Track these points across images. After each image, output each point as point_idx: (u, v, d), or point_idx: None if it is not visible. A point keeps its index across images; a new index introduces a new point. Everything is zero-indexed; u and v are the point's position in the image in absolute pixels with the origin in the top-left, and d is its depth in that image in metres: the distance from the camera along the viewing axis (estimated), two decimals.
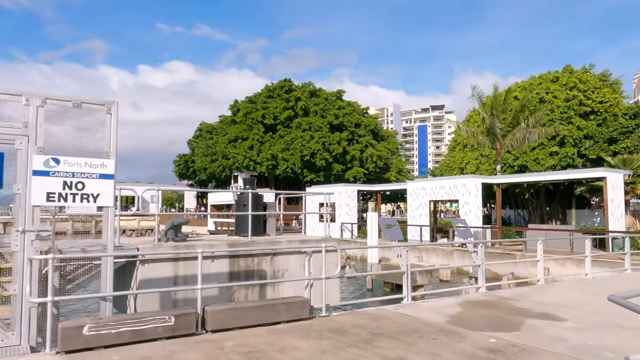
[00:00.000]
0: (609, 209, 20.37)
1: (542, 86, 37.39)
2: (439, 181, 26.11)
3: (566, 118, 34.49)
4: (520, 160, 34.77)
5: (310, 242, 10.56)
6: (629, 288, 10.39)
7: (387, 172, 58.50)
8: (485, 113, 27.84)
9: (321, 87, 59.40)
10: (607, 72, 38.16)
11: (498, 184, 25.30)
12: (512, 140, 26.91)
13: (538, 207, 39.82)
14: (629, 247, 12.89)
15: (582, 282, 10.78)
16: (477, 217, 24.02)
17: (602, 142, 33.39)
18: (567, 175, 23.48)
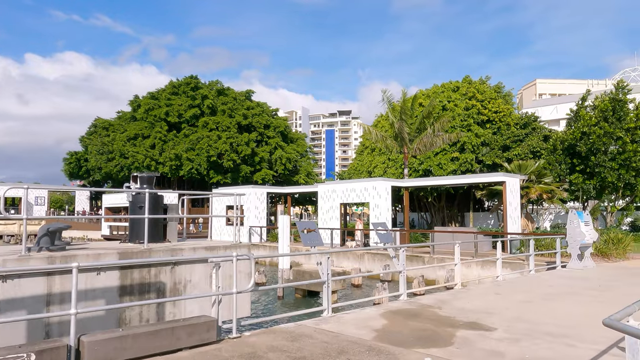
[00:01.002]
0: (508, 211, 21.43)
1: (444, 95, 39.17)
2: (350, 184, 25.96)
3: (466, 125, 36.40)
4: (425, 164, 36.05)
5: (218, 249, 9.37)
6: (539, 290, 10.58)
7: (296, 175, 58.06)
8: (394, 117, 28.28)
9: (229, 86, 57.47)
10: (501, 84, 41.07)
11: (406, 187, 25.73)
12: (420, 144, 27.61)
13: (440, 210, 41.68)
14: (532, 249, 13.30)
15: (496, 285, 10.76)
16: (387, 219, 24.15)
17: (497, 149, 35.66)
18: (472, 179, 24.44)
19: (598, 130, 31.12)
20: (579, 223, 14.80)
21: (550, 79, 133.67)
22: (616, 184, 31.17)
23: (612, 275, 13.37)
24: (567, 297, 9.20)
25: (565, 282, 11.35)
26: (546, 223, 38.63)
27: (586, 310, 8.00)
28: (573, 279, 12.12)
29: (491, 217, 43.44)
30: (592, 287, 10.64)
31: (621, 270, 15.11)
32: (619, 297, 9.35)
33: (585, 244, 15.03)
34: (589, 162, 31.97)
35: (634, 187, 31.07)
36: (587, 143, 31.61)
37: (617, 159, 30.75)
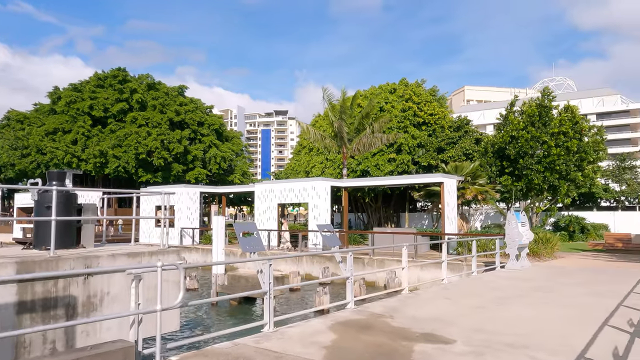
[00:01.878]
0: (446, 212, 21.55)
1: (381, 96, 39.38)
2: (288, 183, 25.11)
3: (403, 127, 36.76)
4: (363, 165, 35.98)
5: (142, 255, 8.19)
6: (488, 293, 10.30)
7: (232, 175, 56.31)
8: (334, 116, 27.81)
9: (161, 81, 54.63)
10: (436, 88, 41.97)
11: (346, 187, 25.30)
12: (359, 144, 27.31)
13: (376, 211, 41.89)
14: (475, 250, 13.15)
15: (443, 289, 10.37)
16: (326, 220, 23.57)
17: (433, 151, 36.31)
18: (411, 180, 24.45)
19: (526, 134, 32.45)
20: (517, 224, 14.92)
21: (478, 86, 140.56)
22: (541, 185, 32.67)
23: (549, 275, 13.52)
24: (517, 301, 8.93)
25: (510, 284, 11.20)
26: (477, 223, 39.92)
27: (538, 314, 7.70)
28: (515, 279, 12.05)
29: (425, 217, 44.33)
30: (536, 288, 10.53)
31: (554, 269, 15.43)
32: (563, 299, 9.23)
33: (522, 245, 15.20)
34: (517, 165, 33.29)
35: (557, 189, 32.72)
36: (516, 146, 32.88)
37: (542, 162, 32.22)
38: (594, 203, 50.91)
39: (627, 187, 55.02)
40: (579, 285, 11.34)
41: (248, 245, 6.80)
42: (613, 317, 7.42)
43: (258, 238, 7.04)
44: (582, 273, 14.23)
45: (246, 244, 6.81)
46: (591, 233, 33.19)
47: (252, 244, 6.93)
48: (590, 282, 11.98)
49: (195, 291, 18.62)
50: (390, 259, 19.44)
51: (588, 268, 16.54)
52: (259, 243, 6.99)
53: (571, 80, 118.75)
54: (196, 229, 29.15)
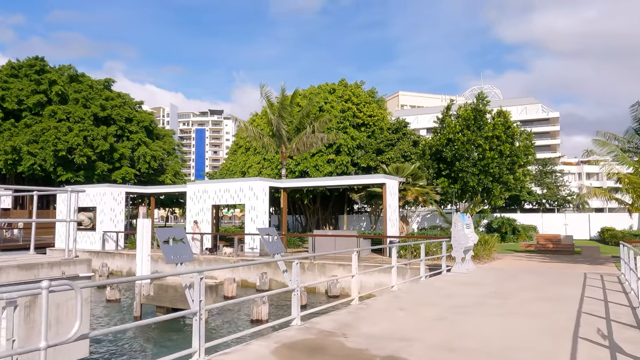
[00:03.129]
0: (387, 214, 21.01)
1: (321, 96, 38.68)
2: (224, 184, 23.54)
3: (342, 128, 36.23)
4: (302, 165, 35.02)
5: (38, 267, 6.60)
6: (444, 302, 9.53)
7: (163, 175, 53.27)
8: (272, 114, 26.59)
9: (85, 73, 50.61)
10: (375, 89, 41.93)
11: (285, 187, 24.13)
12: (299, 144, 26.28)
13: (315, 213, 41.06)
14: (424, 253, 12.49)
15: (395, 298, 9.52)
16: (264, 223, 22.29)
17: (372, 152, 36.05)
18: (353, 181, 23.75)
19: (462, 137, 32.96)
20: (463, 226, 14.51)
21: (411, 92, 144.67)
22: (476, 188, 33.33)
23: (496, 279, 13.16)
24: (476, 310, 8.23)
25: (462, 290, 10.59)
26: (414, 225, 40.19)
27: (505, 327, 7.00)
28: (465, 285, 11.50)
29: (364, 219, 44.13)
30: (490, 295, 9.97)
31: (498, 272, 15.20)
32: (522, 307, 8.67)
33: (467, 247, 14.82)
34: (453, 168, 33.76)
35: (490, 192, 33.51)
36: (452, 149, 33.32)
37: (477, 164, 32.87)
38: (518, 205, 53.22)
39: (548, 190, 58.19)
40: (529, 289, 10.95)
41: (173, 255, 5.50)
42: (582, 327, 6.85)
43: (186, 245, 5.75)
44: (526, 275, 14.03)
45: (171, 254, 5.50)
46: (521, 234, 34.29)
47: (178, 252, 5.64)
48: (539, 285, 11.67)
49: (117, 303, 16.69)
50: (332, 263, 18.55)
51: (527, 269, 16.51)
52: (187, 251, 5.71)
53: (498, 89, 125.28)
54: (121, 232, 26.76)
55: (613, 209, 70.56)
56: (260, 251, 21.48)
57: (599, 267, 18.35)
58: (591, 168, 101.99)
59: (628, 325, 7.08)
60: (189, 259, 5.80)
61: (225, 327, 13.08)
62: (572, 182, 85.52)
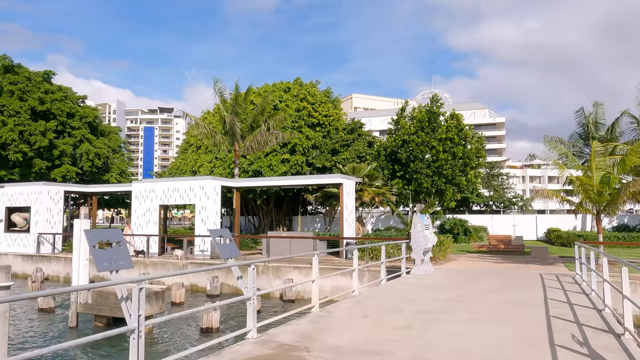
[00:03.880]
0: (344, 214, 20.52)
1: (275, 94, 37.86)
2: (172, 182, 22.27)
3: (297, 127, 35.57)
4: (255, 165, 34.06)
5: None
6: (409, 307, 8.97)
7: (107, 173, 50.53)
8: (226, 111, 25.52)
9: (21, 64, 47.23)
10: (330, 89, 41.51)
11: (239, 187, 23.13)
12: (253, 142, 25.34)
13: (268, 214, 40.13)
14: (384, 255, 12.01)
15: (357, 303, 8.94)
16: (216, 224, 21.23)
17: (327, 153, 35.59)
18: (309, 180, 23.11)
19: (416, 138, 33.11)
20: (423, 227, 14.19)
21: (364, 95, 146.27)
22: (430, 189, 33.58)
23: (456, 281, 12.90)
24: (444, 317, 7.77)
25: (425, 294, 10.16)
26: (368, 226, 40.08)
27: (478, 336, 6.56)
28: (427, 288, 11.11)
29: (318, 220, 43.62)
30: (454, 299, 9.59)
31: (456, 274, 15.00)
32: (489, 312, 8.31)
33: (427, 249, 14.52)
34: (408, 169, 33.88)
35: (443, 193, 33.86)
36: (407, 150, 33.42)
37: (431, 166, 33.12)
38: (467, 207, 54.49)
39: (495, 192, 60.00)
40: (492, 292, 10.68)
41: (107, 262, 4.63)
42: (556, 334, 6.51)
43: (123, 250, 4.89)
44: (484, 277, 13.87)
45: (104, 260, 4.63)
46: (473, 235, 34.86)
47: (114, 258, 4.77)
48: (500, 288, 11.45)
49: (50, 312, 15.21)
50: (287, 266, 17.82)
51: (484, 271, 16.46)
52: (125, 257, 4.85)
53: (447, 94, 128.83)
54: (58, 234, 24.83)
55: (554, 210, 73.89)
56: (212, 254, 20.43)
57: (550, 267, 18.64)
58: (534, 171, 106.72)
59: (600, 329, 6.81)
60: (128, 266, 4.94)
61: (171, 338, 12.06)
62: (517, 185, 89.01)
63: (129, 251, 5.02)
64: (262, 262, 7.31)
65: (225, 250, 6.38)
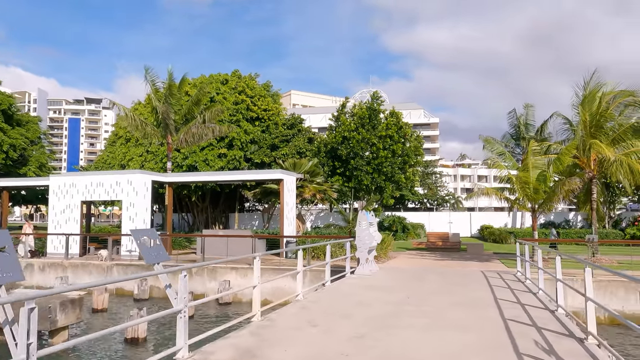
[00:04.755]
0: (284, 212, 19.66)
1: (212, 86, 36.26)
2: (96, 176, 20.33)
3: (235, 121, 34.21)
4: (190, 160, 32.37)
5: None
6: (358, 312, 8.18)
7: (25, 167, 46.36)
8: (158, 101, 23.78)
9: None
10: (270, 83, 40.41)
11: (171, 182, 21.55)
12: (187, 134, 23.79)
13: (203, 211, 38.41)
14: (329, 255, 11.30)
15: (303, 309, 8.14)
16: (145, 222, 19.62)
17: (266, 148, 34.54)
18: (248, 176, 21.97)
19: (357, 135, 32.91)
20: (367, 225, 13.66)
21: (303, 92, 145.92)
22: (370, 186, 33.51)
23: (402, 280, 12.47)
24: (396, 322, 7.16)
25: (373, 296, 9.55)
26: (307, 224, 39.48)
27: (438, 344, 5.98)
28: (374, 289, 10.53)
29: (256, 217, 42.41)
30: (404, 301, 9.05)
31: (400, 272, 14.63)
32: (443, 316, 7.82)
33: (371, 247, 14.01)
34: (348, 166, 33.62)
35: (383, 190, 33.94)
36: (348, 147, 33.14)
37: (371, 163, 33.06)
38: (403, 205, 55.45)
39: (429, 190, 61.59)
40: (440, 292, 10.29)
41: None
42: (518, 340, 6.06)
43: (12, 257, 3.77)
44: (429, 276, 13.56)
45: None
46: (411, 232, 35.23)
47: None
48: (447, 287, 11.11)
49: None
50: (224, 266, 16.71)
51: (426, 268, 16.26)
52: (13, 265, 3.73)
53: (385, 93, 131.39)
54: None
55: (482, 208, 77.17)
56: (140, 254, 18.84)
57: (488, 264, 18.85)
58: (465, 170, 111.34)
59: (560, 333, 6.47)
60: (17, 278, 3.83)
61: (89, 351, 10.66)
62: (450, 184, 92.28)
63: (16, 257, 3.88)
64: (196, 266, 6.32)
65: (151, 254, 5.34)
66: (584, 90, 18.85)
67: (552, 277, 9.51)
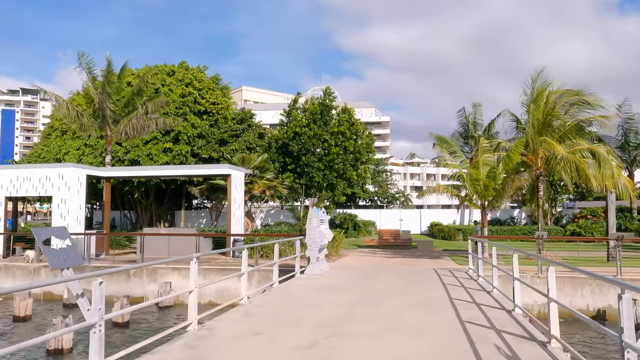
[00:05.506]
0: (232, 209, 18.72)
1: (158, 77, 34.55)
2: (23, 170, 18.54)
3: (182, 114, 32.69)
4: (132, 154, 30.60)
5: None
6: (307, 317, 7.47)
7: None
8: (95, 89, 22.11)
9: None
10: (219, 76, 39.02)
11: (109, 177, 20.03)
12: (128, 127, 22.26)
13: (147, 208, 36.60)
14: (277, 255, 10.60)
15: (247, 316, 7.39)
16: (79, 220, 18.09)
17: (215, 143, 33.27)
18: (193, 171, 20.84)
19: (308, 131, 32.30)
20: (318, 222, 13.05)
21: (255, 88, 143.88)
22: (321, 183, 33.01)
23: (354, 280, 11.95)
24: (350, 327, 6.57)
25: (324, 298, 8.94)
26: (257, 222, 38.51)
27: (395, 351, 5.43)
28: (325, 290, 9.92)
29: (204, 215, 40.96)
30: (357, 303, 8.49)
31: (351, 271, 14.13)
32: (397, 318, 7.33)
33: (322, 245, 13.42)
34: (299, 162, 32.95)
35: (334, 187, 33.53)
36: (299, 143, 32.47)
37: (323, 160, 32.55)
38: (354, 202, 55.49)
39: (380, 188, 62.08)
40: (394, 292, 9.82)
41: None
42: (479, 345, 5.62)
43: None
44: (381, 275, 13.12)
45: None
46: (362, 229, 35.06)
47: None
48: (400, 287, 10.68)
49: None
50: (165, 267, 15.62)
51: (378, 266, 15.88)
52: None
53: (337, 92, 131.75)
54: None
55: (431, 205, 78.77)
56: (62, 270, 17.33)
57: (439, 261, 18.77)
58: (414, 169, 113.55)
59: (520, 337, 6.09)
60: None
61: None
62: (399, 182, 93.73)
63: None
64: (115, 271, 5.46)
65: (58, 257, 4.44)
66: (531, 89, 19.12)
67: (505, 275, 9.28)
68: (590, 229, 29.66)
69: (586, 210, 32.73)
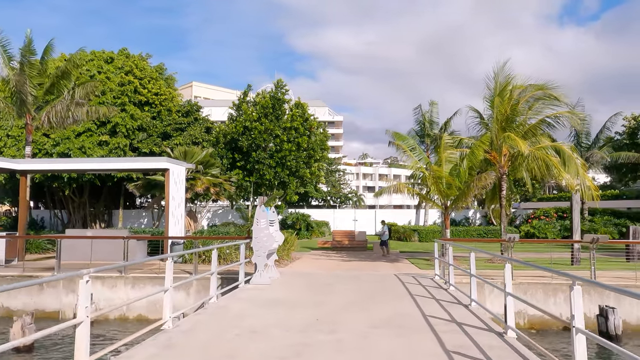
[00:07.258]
0: (170, 208, 16.55)
1: (94, 63, 31.53)
2: None
3: (120, 104, 29.86)
4: (63, 147, 27.54)
5: None
6: (245, 348, 5.70)
7: None
8: (11, 70, 19.25)
9: None
10: (163, 65, 36.28)
11: (25, 171, 17.24)
12: (51, 113, 19.53)
13: (81, 207, 33.39)
14: (215, 263, 8.73)
15: (167, 350, 5.52)
16: None
17: (157, 137, 30.67)
18: (125, 165, 18.43)
19: (259, 126, 30.35)
20: (267, 223, 11.27)
21: (205, 84, 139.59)
22: (272, 181, 31.14)
23: (308, 291, 10.25)
24: None
25: (271, 318, 7.18)
26: (204, 222, 36.11)
27: None
28: (274, 306, 8.17)
29: (144, 215, 38.08)
30: (313, 325, 6.79)
31: (306, 279, 12.43)
32: (366, 345, 5.71)
33: (272, 250, 11.66)
34: (249, 158, 30.92)
35: (287, 186, 31.75)
36: (249, 138, 30.45)
37: (274, 156, 30.68)
38: (306, 202, 53.98)
39: (333, 188, 60.91)
40: (355, 308, 8.20)
41: None
42: None
43: None
44: (338, 284, 11.49)
45: None
46: (315, 230, 33.48)
47: None
48: (362, 300, 9.07)
49: None
50: (97, 276, 13.27)
51: (334, 273, 14.22)
52: None
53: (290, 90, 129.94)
54: None
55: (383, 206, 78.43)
56: None
57: (398, 264, 17.48)
58: (366, 169, 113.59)
59: None
60: None
61: None
62: (352, 182, 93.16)
63: None
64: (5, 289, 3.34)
65: None
66: (494, 82, 18.19)
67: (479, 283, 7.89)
68: (544, 230, 29.47)
69: (539, 211, 32.64)
